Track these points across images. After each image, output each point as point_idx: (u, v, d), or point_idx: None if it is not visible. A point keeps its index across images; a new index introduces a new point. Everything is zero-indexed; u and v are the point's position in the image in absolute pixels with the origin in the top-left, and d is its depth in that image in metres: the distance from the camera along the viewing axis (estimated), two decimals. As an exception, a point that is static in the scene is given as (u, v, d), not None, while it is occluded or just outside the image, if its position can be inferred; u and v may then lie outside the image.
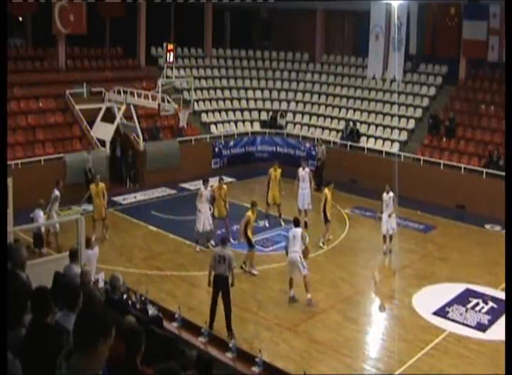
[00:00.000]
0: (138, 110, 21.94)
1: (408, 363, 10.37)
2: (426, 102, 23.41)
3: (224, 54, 28.30)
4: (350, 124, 23.47)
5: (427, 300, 12.94)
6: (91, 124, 21.03)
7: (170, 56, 20.69)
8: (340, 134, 23.59)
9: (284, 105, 26.36)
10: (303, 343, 11.10)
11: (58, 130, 20.74)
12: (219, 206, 15.72)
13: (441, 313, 12.29)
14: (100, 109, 21.29)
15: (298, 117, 25.79)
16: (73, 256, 9.51)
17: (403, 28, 22.15)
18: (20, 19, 24.38)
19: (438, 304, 12.66)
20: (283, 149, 24.56)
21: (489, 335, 11.37)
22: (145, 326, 5.58)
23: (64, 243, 13.50)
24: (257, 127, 25.56)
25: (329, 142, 23.19)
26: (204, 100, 25.59)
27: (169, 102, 20.24)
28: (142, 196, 20.35)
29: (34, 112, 20.85)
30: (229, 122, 25.43)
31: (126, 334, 4.19)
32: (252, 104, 26.48)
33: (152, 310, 9.29)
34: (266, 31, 29.49)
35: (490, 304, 12.67)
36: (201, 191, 15.59)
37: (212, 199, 15.64)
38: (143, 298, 9.52)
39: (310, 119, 25.43)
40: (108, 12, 24.28)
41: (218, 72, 27.36)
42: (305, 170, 17.57)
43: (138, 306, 9.13)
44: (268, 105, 26.44)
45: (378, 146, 22.52)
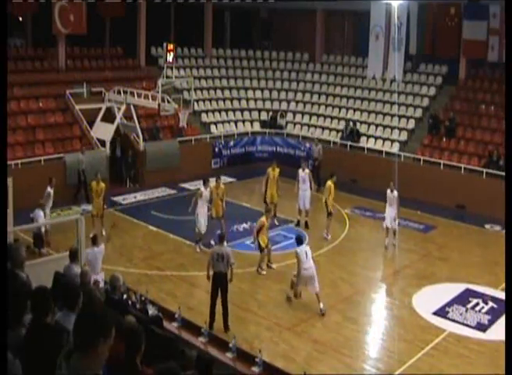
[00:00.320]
0: (138, 110, 21.93)
1: (408, 363, 10.37)
2: (426, 102, 23.41)
3: (224, 54, 28.30)
4: (350, 124, 23.47)
5: (427, 300, 12.94)
6: (91, 124, 21.02)
7: (170, 56, 20.68)
8: (340, 134, 23.59)
9: (284, 105, 26.36)
10: (303, 343, 11.10)
11: (58, 130, 20.74)
12: (216, 206, 15.63)
13: (441, 313, 12.29)
14: (100, 109, 21.28)
15: (298, 117, 25.79)
16: (73, 256, 9.52)
17: (403, 28, 22.15)
18: (20, 19, 24.38)
19: (438, 304, 12.66)
20: (283, 149, 24.55)
21: (489, 335, 11.37)
22: (145, 326, 5.58)
23: (64, 243, 13.48)
24: (257, 127, 25.56)
25: (329, 142, 23.21)
26: (204, 100, 25.59)
27: (169, 102, 20.24)
28: (142, 196, 20.35)
29: (34, 112, 20.85)
30: (229, 122, 25.43)
31: (126, 334, 4.19)
32: (252, 104, 26.48)
33: (152, 310, 9.29)
34: (266, 31, 29.50)
35: (490, 304, 12.67)
36: (201, 192, 15.49)
37: (210, 199, 15.59)
38: (143, 298, 9.52)
39: (310, 119, 25.43)
40: (108, 12, 24.29)
41: (218, 72, 27.36)
42: (305, 171, 17.57)
43: (138, 306, 9.13)
44: (268, 105, 26.44)
45: (378, 146, 22.51)
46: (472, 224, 18.20)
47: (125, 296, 8.83)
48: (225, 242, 12.21)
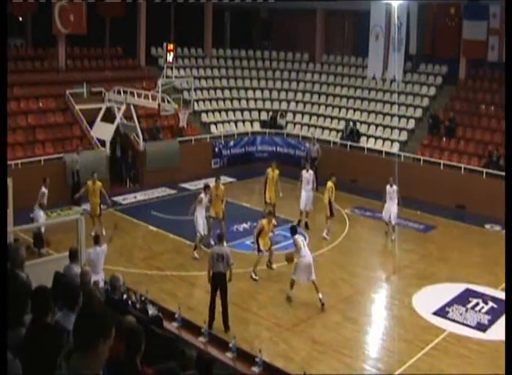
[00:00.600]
0: (138, 110, 21.93)
1: (408, 363, 10.37)
2: (426, 102, 23.41)
3: (224, 54, 28.30)
4: (350, 124, 23.47)
5: (427, 300, 12.94)
6: (91, 124, 21.02)
7: (170, 56, 20.68)
8: (340, 134, 23.59)
9: (284, 105, 26.36)
10: (303, 343, 11.09)
11: (58, 130, 20.74)
12: (216, 207, 15.40)
13: (441, 313, 12.29)
14: (100, 109, 21.28)
15: (298, 117, 25.79)
16: (73, 256, 9.52)
17: (403, 28, 22.15)
18: (20, 19, 24.37)
19: (438, 304, 12.66)
20: (283, 149, 24.56)
21: (489, 335, 11.37)
22: (145, 326, 5.58)
23: (64, 243, 13.47)
24: (257, 127, 25.56)
25: (329, 142, 23.22)
26: (204, 100, 25.59)
27: (169, 102, 20.24)
28: (142, 196, 20.35)
29: (34, 112, 20.85)
30: (229, 122, 25.43)
31: (126, 334, 4.18)
32: (252, 104, 26.48)
33: (152, 310, 9.29)
34: (266, 31, 29.49)
35: (490, 304, 12.67)
36: (201, 197, 15.04)
37: (210, 199, 15.34)
38: (143, 298, 9.52)
39: (310, 119, 25.43)
40: (108, 12, 24.29)
41: (218, 72, 27.36)
42: (309, 173, 17.43)
43: (138, 306, 9.14)
44: (268, 105, 26.44)
45: (378, 146, 22.52)
46: (472, 224, 18.19)
47: (125, 296, 8.83)
48: (224, 242, 12.20)
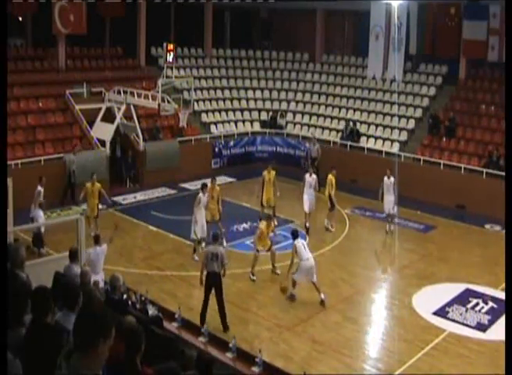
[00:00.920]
0: (138, 110, 21.92)
1: (408, 363, 10.37)
2: (426, 102, 23.41)
3: (224, 54, 28.30)
4: (350, 124, 23.47)
5: (427, 300, 12.94)
6: (91, 124, 21.02)
7: (170, 56, 20.68)
8: (340, 134, 23.59)
9: (284, 105, 26.35)
10: (302, 343, 11.09)
11: (58, 130, 20.73)
12: (211, 209, 15.06)
13: (441, 313, 12.29)
14: (100, 109, 21.28)
15: (298, 117, 25.79)
16: (73, 256, 9.52)
17: (403, 28, 22.14)
18: (20, 19, 24.37)
19: (438, 304, 12.66)
20: (283, 149, 24.56)
21: (489, 335, 11.36)
22: (145, 326, 5.58)
23: (64, 243, 13.48)
24: (257, 127, 25.56)
25: (329, 142, 23.22)
26: (204, 100, 25.59)
27: (169, 102, 20.24)
28: (142, 196, 20.35)
29: (34, 112, 20.84)
30: (229, 122, 25.43)
31: (126, 334, 4.18)
32: (252, 104, 26.48)
33: (152, 310, 9.30)
34: (266, 31, 29.48)
35: (490, 304, 12.66)
36: (199, 197, 14.86)
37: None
38: (143, 298, 9.52)
39: (310, 119, 25.43)
40: (108, 12, 24.28)
41: (218, 72, 27.36)
42: (312, 177, 16.99)
43: (138, 306, 9.14)
44: (268, 105, 26.44)
45: (378, 146, 22.52)
46: (472, 224, 18.19)
47: (125, 296, 8.83)
48: (223, 242, 12.17)
